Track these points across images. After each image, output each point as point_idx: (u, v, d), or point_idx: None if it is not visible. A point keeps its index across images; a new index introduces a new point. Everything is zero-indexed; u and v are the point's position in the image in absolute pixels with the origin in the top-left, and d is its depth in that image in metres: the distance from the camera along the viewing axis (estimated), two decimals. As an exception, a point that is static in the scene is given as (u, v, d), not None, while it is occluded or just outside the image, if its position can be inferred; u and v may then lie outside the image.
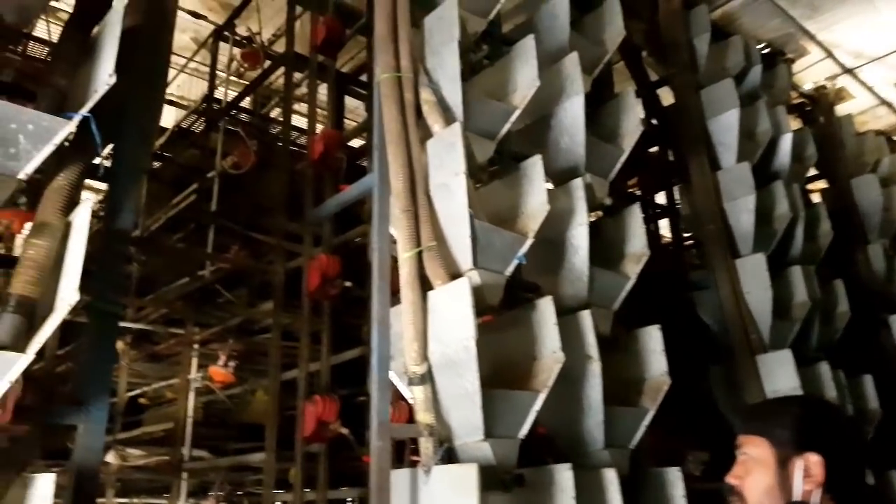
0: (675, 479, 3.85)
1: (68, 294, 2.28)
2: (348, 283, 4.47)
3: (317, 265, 4.44)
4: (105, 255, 2.72)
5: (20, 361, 2.10)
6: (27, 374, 3.36)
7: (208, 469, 5.47)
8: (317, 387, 4.52)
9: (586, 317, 3.79)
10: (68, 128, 2.31)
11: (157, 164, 7.40)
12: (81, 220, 2.46)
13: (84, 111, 2.43)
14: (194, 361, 5.71)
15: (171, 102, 7.67)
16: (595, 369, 3.72)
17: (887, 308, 6.62)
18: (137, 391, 7.08)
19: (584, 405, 3.75)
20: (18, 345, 2.19)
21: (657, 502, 3.86)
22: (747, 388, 4.75)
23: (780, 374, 4.69)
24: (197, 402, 5.89)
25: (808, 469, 1.44)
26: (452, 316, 3.28)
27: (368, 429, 4.19)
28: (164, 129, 7.51)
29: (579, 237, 3.87)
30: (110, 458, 6.17)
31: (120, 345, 6.41)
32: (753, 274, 4.98)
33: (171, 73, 7.65)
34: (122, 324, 5.96)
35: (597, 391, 3.72)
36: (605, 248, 4.27)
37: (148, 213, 7.10)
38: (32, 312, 2.31)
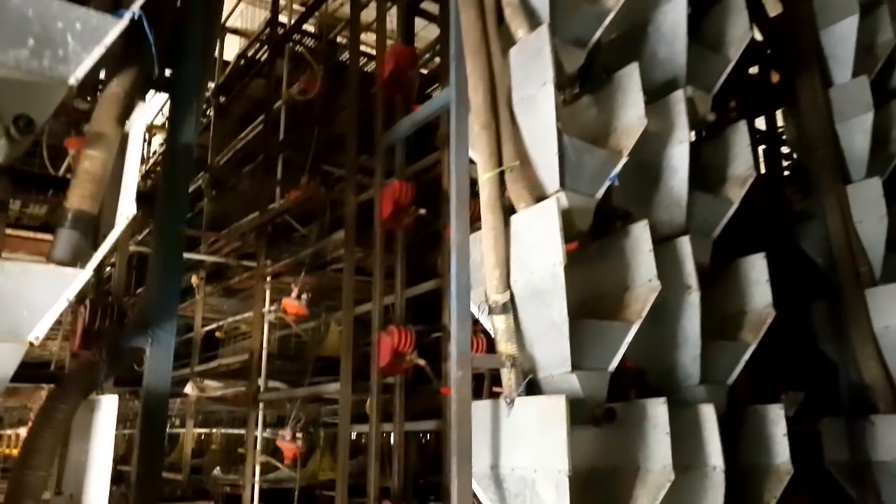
0: (776, 417, 3.58)
1: (126, 207, 2.14)
2: (422, 211, 4.25)
3: (389, 192, 4.25)
4: (168, 171, 2.57)
5: (79, 277, 1.98)
6: (95, 302, 3.35)
7: (284, 400, 5.48)
8: (392, 320, 4.38)
9: (685, 243, 3.49)
10: (119, 26, 2.12)
11: (223, 99, 7.32)
12: (137, 130, 2.30)
13: (136, 7, 2.22)
14: (268, 295, 5.68)
15: (235, 31, 7.51)
16: (693, 300, 3.43)
17: None
18: (213, 326, 7.18)
19: (680, 338, 3.48)
20: (77, 261, 2.07)
21: (756, 441, 3.58)
22: (854, 324, 4.35)
23: (892, 310, 4.27)
24: (272, 336, 5.90)
25: None
26: (538, 241, 3.04)
27: (446, 361, 4.07)
28: (227, 64, 7.40)
29: (678, 157, 3.52)
30: (188, 389, 6.31)
31: (194, 279, 6.48)
32: (867, 201, 4.49)
33: (231, 1, 7.47)
34: (195, 256, 5.97)
35: (694, 323, 3.45)
36: (704, 171, 3.90)
37: (217, 150, 7.07)
38: (91, 228, 2.18)
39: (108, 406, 2.09)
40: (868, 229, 4.49)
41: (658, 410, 3.10)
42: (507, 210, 3.24)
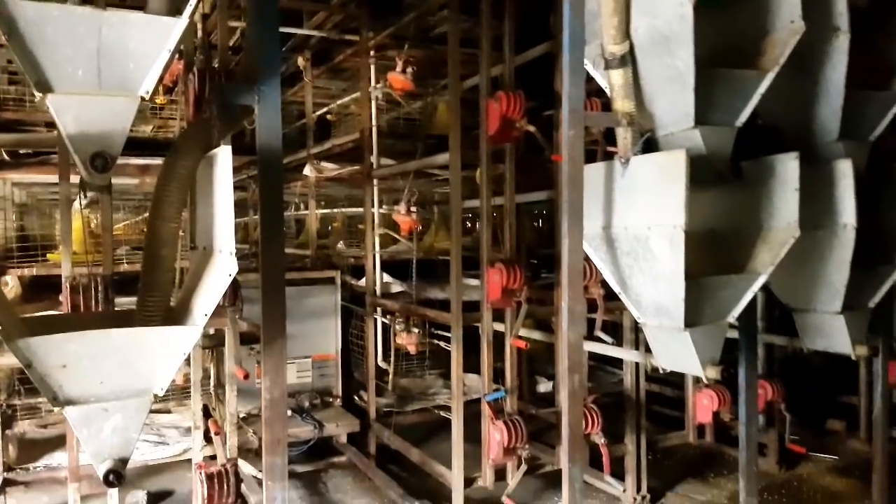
0: (926, 177, 3.24)
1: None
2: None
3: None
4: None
5: (178, 25, 1.94)
6: (202, 70, 3.38)
7: (397, 175, 5.59)
8: (501, 87, 4.19)
9: (837, -25, 2.98)
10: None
11: None
12: None
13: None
14: (373, 71, 5.57)
15: None
16: (842, 44, 3.02)
17: None
18: (324, 110, 7.25)
19: (821, 89, 3.14)
20: (172, 9, 2.02)
21: (898, 200, 3.31)
22: None
23: None
24: (381, 117, 5.89)
25: None
26: (663, -21, 2.67)
27: (558, 129, 3.92)
28: None
29: None
30: (307, 171, 6.57)
31: (300, 61, 6.43)
32: None
33: None
34: (298, 30, 5.87)
35: (839, 72, 3.08)
36: None
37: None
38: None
39: (223, 157, 2.15)
40: None
41: (788, 167, 2.88)
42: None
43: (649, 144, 3.02)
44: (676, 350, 2.95)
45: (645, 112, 2.99)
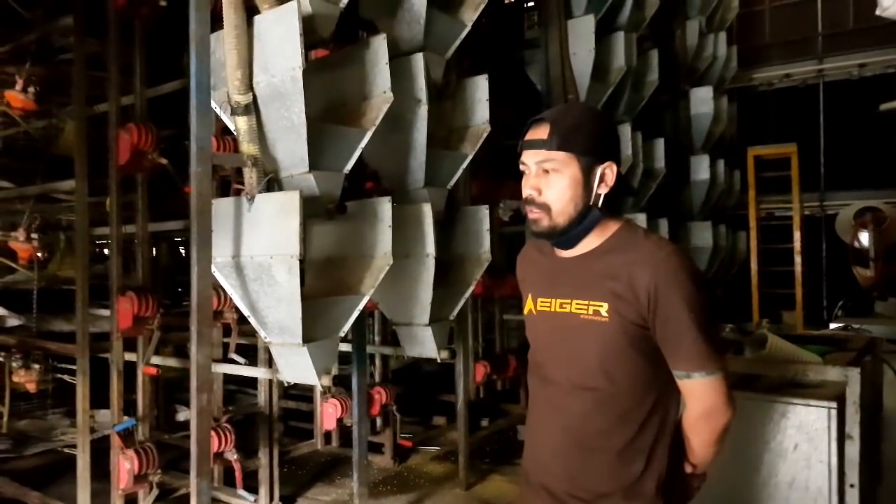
0: (482, 216, 4.24)
1: None
2: (162, 1, 4.01)
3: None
4: None
5: None
6: None
7: (15, 200, 5.12)
8: (132, 120, 4.22)
9: (419, 60, 3.80)
10: None
11: None
12: None
13: None
14: (-16, 84, 5.04)
15: None
16: (422, 112, 3.82)
17: (690, 81, 7.28)
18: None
19: (410, 146, 3.90)
20: None
21: (467, 234, 4.26)
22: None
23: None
24: (-1, 133, 5.34)
25: (605, 176, 1.68)
26: (280, 43, 3.13)
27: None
28: None
29: (418, -24, 3.72)
30: None
31: None
32: (581, 35, 5.16)
33: None
34: None
35: (422, 134, 3.87)
36: (444, -8, 4.16)
37: None
38: None
39: None
40: (579, 60, 5.20)
41: (383, 207, 3.56)
42: (252, 9, 3.27)
43: (275, 185, 3.44)
44: (297, 363, 3.37)
45: (269, 155, 3.38)
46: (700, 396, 1.63)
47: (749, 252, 8.77)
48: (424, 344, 4.15)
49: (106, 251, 7.90)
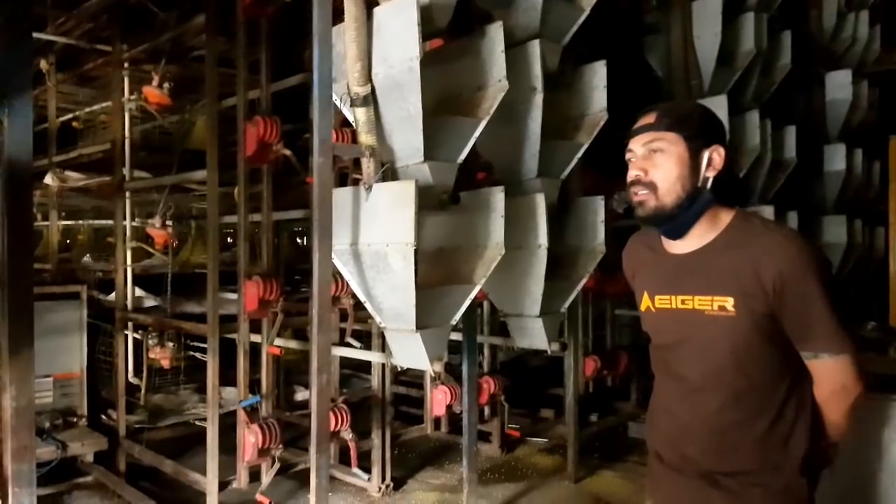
0: (597, 207, 4.14)
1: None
2: (288, -1, 4.18)
3: (252, -23, 4.12)
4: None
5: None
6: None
7: (152, 189, 5.53)
8: (257, 113, 4.44)
9: (535, 47, 3.75)
10: None
11: None
12: None
13: None
14: (126, 83, 5.46)
15: None
16: (537, 101, 3.77)
17: (826, 65, 6.76)
18: (69, 116, 6.85)
19: (524, 135, 3.86)
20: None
21: (580, 226, 4.18)
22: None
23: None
24: (136, 130, 5.76)
25: (713, 160, 1.67)
26: (398, 34, 3.18)
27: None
28: None
29: (537, -38, 3.67)
30: (48, 179, 6.15)
31: (43, 64, 6.05)
32: (707, 17, 4.90)
33: None
34: (43, 35, 5.56)
35: (536, 123, 3.82)
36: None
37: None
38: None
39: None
40: (703, 44, 4.95)
41: (496, 197, 3.55)
42: (371, 2, 3.34)
43: (391, 174, 3.51)
44: (410, 349, 3.44)
45: (385, 146, 3.46)
46: (829, 376, 1.61)
47: (888, 250, 8.07)
48: (535, 336, 4.11)
49: (231, 239, 8.42)
